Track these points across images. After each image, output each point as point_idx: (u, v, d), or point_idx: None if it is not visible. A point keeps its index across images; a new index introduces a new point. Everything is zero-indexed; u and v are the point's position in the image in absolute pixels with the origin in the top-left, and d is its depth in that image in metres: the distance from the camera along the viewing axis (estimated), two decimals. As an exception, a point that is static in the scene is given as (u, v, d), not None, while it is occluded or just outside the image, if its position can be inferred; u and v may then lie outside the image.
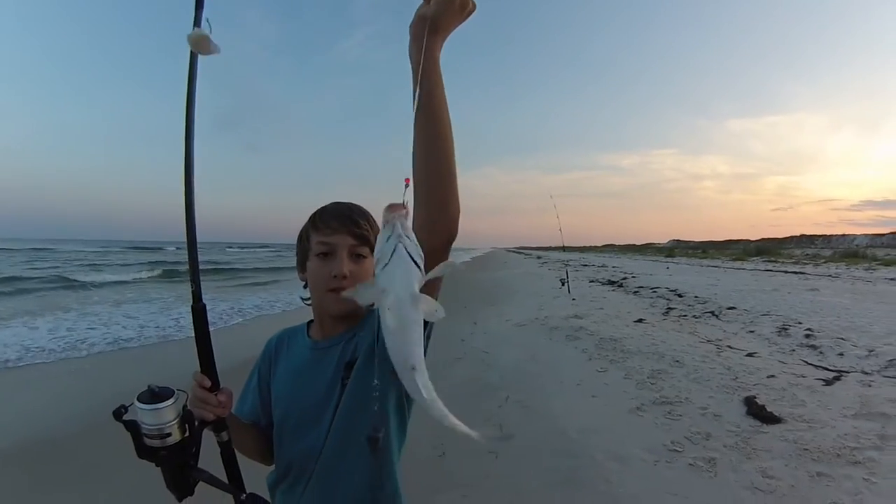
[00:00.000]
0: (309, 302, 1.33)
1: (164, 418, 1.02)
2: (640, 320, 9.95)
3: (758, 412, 4.76)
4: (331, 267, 1.21)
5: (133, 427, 1.03)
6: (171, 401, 1.04)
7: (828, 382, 5.58)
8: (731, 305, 11.02)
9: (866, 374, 5.96)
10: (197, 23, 1.09)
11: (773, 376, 5.82)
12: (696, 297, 13.20)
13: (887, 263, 26.98)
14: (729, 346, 7.47)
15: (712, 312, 10.59)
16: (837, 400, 5.07)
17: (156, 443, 1.02)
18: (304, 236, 1.31)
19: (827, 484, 3.60)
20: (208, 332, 1.16)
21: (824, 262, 31.00)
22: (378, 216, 0.85)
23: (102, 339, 9.24)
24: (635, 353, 7.23)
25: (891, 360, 6.32)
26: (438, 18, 0.98)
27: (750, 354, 6.94)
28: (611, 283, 19.42)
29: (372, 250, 1.11)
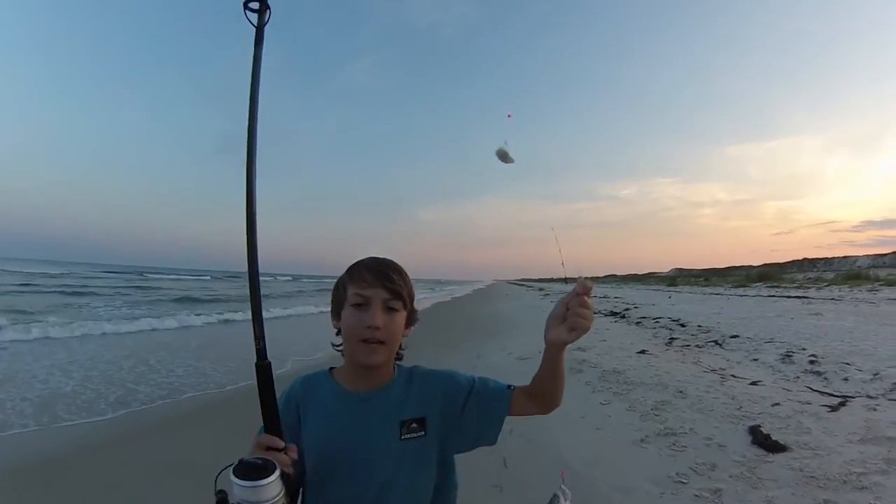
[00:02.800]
0: (340, 348, 1.39)
1: (271, 493, 0.96)
2: (642, 351, 9.95)
3: (763, 441, 4.76)
4: (364, 318, 1.28)
5: None
6: (276, 473, 0.99)
7: (833, 408, 5.58)
8: (735, 334, 11.01)
9: (871, 398, 5.96)
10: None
11: (777, 404, 5.83)
12: (698, 326, 13.20)
13: (890, 283, 27.01)
14: (733, 375, 7.47)
15: (715, 341, 10.59)
16: (843, 426, 5.07)
17: None
18: (340, 286, 1.36)
19: None
20: (273, 391, 1.17)
21: (827, 286, 31.00)
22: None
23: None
24: (639, 384, 7.24)
25: (895, 383, 6.34)
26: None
27: (754, 383, 6.94)
28: (613, 314, 19.41)
29: (404, 305, 1.36)
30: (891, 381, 6.46)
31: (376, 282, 1.29)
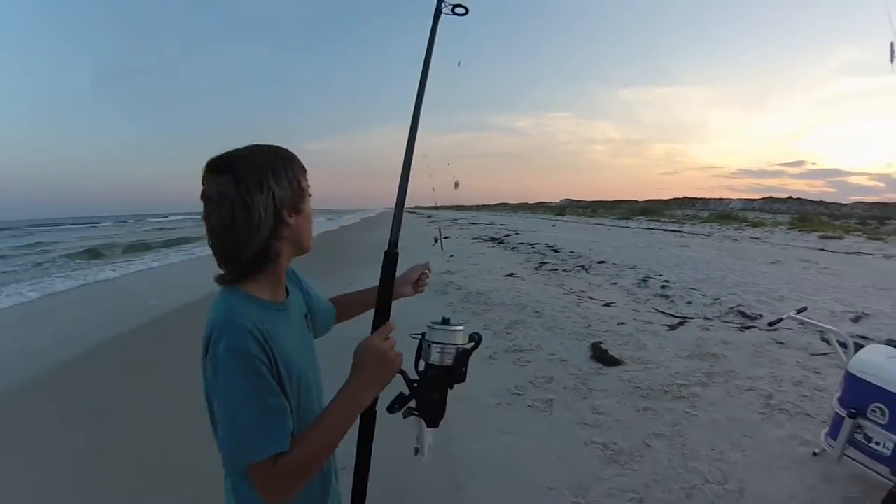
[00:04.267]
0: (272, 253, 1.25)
1: (463, 338, 1.25)
2: (511, 274, 10.58)
3: (601, 356, 5.36)
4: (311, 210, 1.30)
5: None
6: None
7: (672, 328, 6.41)
8: (602, 260, 12.09)
9: (707, 319, 6.89)
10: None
11: (623, 323, 6.57)
12: (571, 252, 14.26)
13: (755, 225, 30.47)
14: (590, 297, 8.24)
15: (583, 266, 11.59)
16: (676, 343, 5.84)
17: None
18: (292, 179, 1.25)
19: (651, 417, 4.21)
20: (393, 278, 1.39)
21: (700, 223, 34.38)
22: None
23: None
24: (498, 305, 7.76)
25: (732, 308, 7.39)
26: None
27: (608, 304, 7.73)
28: (493, 239, 20.30)
29: None
30: (728, 305, 7.52)
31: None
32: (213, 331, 1.08)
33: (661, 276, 9.77)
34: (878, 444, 3.01)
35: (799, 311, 3.75)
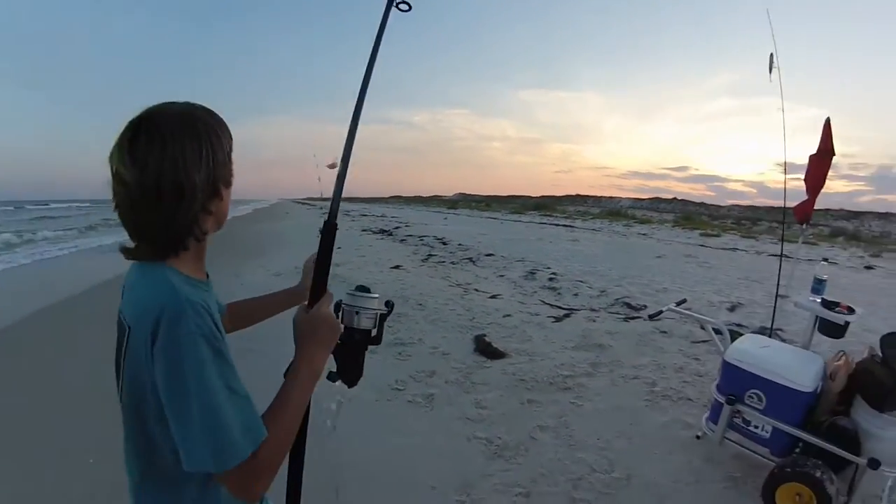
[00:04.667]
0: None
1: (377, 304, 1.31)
2: (397, 266, 10.39)
3: (484, 349, 5.23)
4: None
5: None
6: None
7: (558, 319, 6.39)
8: (490, 252, 12.15)
9: (594, 310, 6.95)
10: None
11: (509, 315, 6.50)
12: (459, 244, 14.27)
13: (642, 222, 32.11)
14: (476, 290, 8.15)
15: (470, 259, 11.61)
16: (562, 335, 5.83)
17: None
18: (222, 154, 1.12)
19: (536, 409, 4.13)
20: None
21: (592, 218, 35.83)
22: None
23: None
24: (381, 297, 7.47)
25: (618, 299, 7.54)
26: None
27: (494, 296, 7.64)
28: (382, 231, 20.11)
29: None
30: (614, 297, 7.68)
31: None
32: (164, 312, 0.94)
33: (549, 268, 9.93)
34: (756, 427, 3.15)
35: (678, 304, 3.85)
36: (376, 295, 1.31)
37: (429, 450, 3.54)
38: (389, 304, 1.36)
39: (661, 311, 3.81)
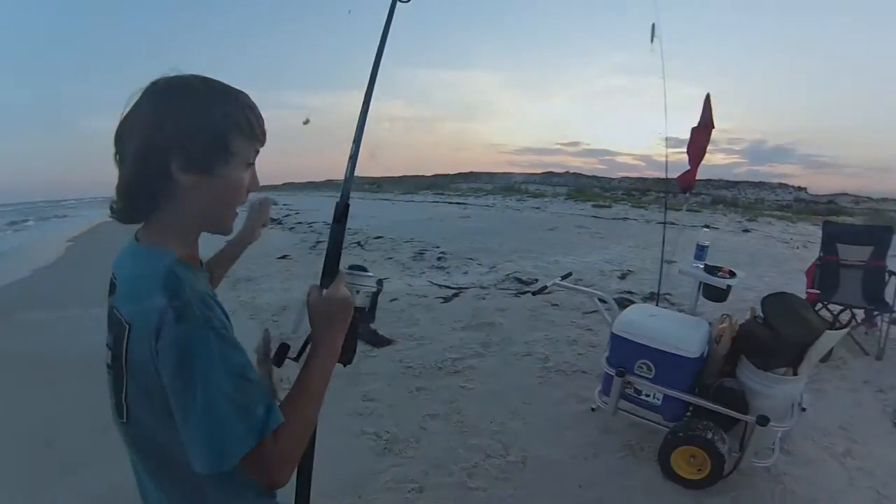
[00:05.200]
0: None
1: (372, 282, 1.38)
2: (284, 256, 10.17)
3: (369, 337, 5.00)
4: (254, 181, 1.15)
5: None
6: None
7: (446, 300, 6.31)
8: (379, 235, 12.01)
9: (483, 288, 6.92)
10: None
11: (395, 299, 6.37)
12: (348, 228, 13.82)
13: (535, 196, 32.88)
14: (363, 275, 7.92)
15: (358, 243, 11.54)
16: (451, 315, 5.77)
17: None
18: (227, 131, 1.04)
19: (425, 397, 4.03)
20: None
21: (485, 195, 36.26)
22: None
23: None
24: (267, 291, 7.33)
25: (508, 275, 7.58)
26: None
27: (379, 280, 7.42)
28: (271, 220, 19.50)
29: None
30: (504, 273, 7.72)
31: (264, 138, 1.13)
32: (169, 304, 0.90)
33: (438, 247, 9.95)
34: (648, 395, 3.20)
35: (563, 278, 3.86)
36: (371, 273, 1.37)
37: (317, 452, 3.32)
38: (380, 283, 1.43)
39: (545, 287, 3.81)
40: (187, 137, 0.99)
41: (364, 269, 1.37)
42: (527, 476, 3.09)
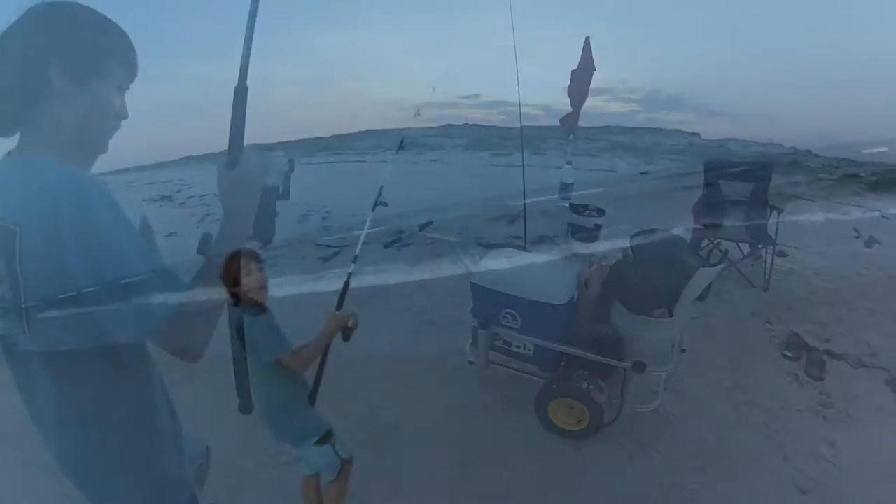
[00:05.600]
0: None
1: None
2: (171, 234, 9.60)
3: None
4: (121, 109, 1.17)
5: None
6: None
7: (326, 259, 5.97)
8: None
9: (365, 244, 6.56)
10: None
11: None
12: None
13: (433, 148, 32.75)
14: (248, 245, 7.52)
15: None
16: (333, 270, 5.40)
17: None
18: (106, 51, 1.11)
19: None
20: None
21: (384, 152, 35.82)
22: None
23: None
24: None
25: (391, 228, 7.24)
26: None
27: (291, 160, 7.08)
28: (162, 198, 18.58)
29: None
30: (388, 226, 7.37)
31: (136, 70, 1.19)
32: (63, 189, 0.97)
33: (324, 207, 9.75)
34: (518, 346, 3.00)
35: (422, 227, 3.60)
36: (282, 153, 1.04)
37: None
38: (291, 161, 1.49)
39: (398, 238, 3.56)
40: (69, 45, 1.06)
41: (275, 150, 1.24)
42: (401, 439, 2.93)
